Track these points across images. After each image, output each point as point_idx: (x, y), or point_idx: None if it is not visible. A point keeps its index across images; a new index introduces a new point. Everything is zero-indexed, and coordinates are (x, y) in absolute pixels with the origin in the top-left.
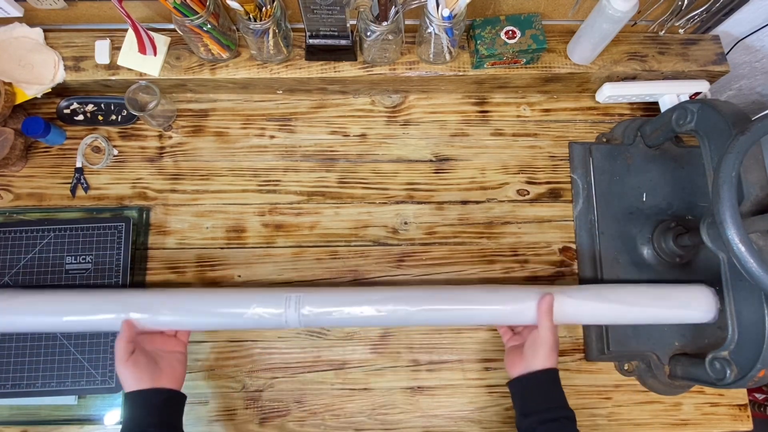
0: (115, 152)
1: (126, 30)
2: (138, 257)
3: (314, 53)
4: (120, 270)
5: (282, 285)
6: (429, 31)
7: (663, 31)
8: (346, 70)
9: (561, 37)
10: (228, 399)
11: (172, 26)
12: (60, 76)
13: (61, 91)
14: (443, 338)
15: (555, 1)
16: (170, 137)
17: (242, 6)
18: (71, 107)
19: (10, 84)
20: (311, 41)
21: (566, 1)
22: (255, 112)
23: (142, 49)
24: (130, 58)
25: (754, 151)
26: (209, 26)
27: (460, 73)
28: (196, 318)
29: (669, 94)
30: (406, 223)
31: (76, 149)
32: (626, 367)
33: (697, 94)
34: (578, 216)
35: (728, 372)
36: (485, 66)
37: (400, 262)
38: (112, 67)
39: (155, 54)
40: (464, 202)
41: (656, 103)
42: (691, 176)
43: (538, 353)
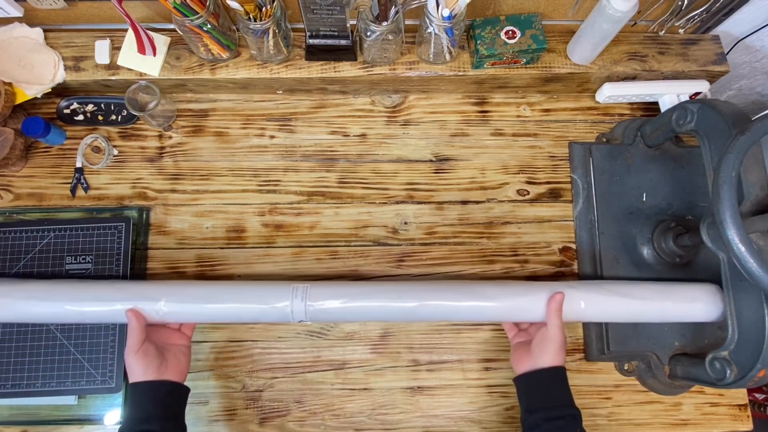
0: (115, 152)
1: (126, 30)
2: (138, 257)
3: (314, 53)
4: (120, 270)
5: None
6: (429, 31)
7: (663, 31)
8: (346, 70)
9: (561, 37)
10: (228, 399)
11: (172, 26)
12: (60, 76)
13: (61, 91)
14: (443, 338)
15: (555, 1)
16: (170, 137)
17: (242, 6)
18: (71, 107)
19: (10, 84)
20: (311, 41)
21: (566, 1)
22: (255, 112)
23: (141, 50)
24: (130, 58)
25: (754, 151)
26: (209, 26)
27: (460, 73)
28: (200, 309)
29: (669, 94)
30: (406, 223)
31: (76, 149)
32: (626, 367)
33: (697, 94)
34: (578, 216)
35: (728, 372)
36: (485, 66)
37: (400, 262)
38: (112, 67)
39: (154, 54)
40: (464, 202)
41: (656, 103)
42: (691, 176)
43: (546, 351)
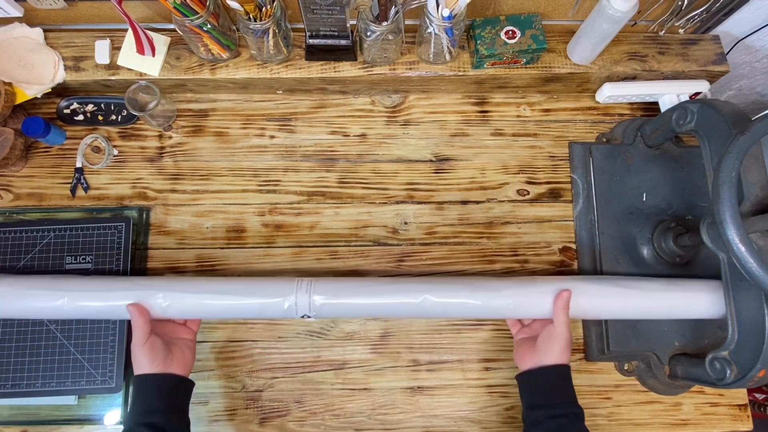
0: (115, 152)
1: (126, 30)
2: (138, 257)
3: (314, 53)
4: (120, 270)
5: None
6: (429, 31)
7: (663, 31)
8: (346, 70)
9: (561, 37)
10: (228, 399)
11: (172, 26)
12: (60, 76)
13: (61, 91)
14: (443, 338)
15: (555, 1)
16: (170, 137)
17: (242, 6)
18: (71, 107)
19: (10, 84)
20: (311, 41)
21: (566, 1)
22: (255, 112)
23: (140, 50)
24: (130, 58)
25: (754, 151)
26: (209, 26)
27: (460, 73)
28: (202, 304)
29: (669, 94)
30: (406, 223)
31: (76, 149)
32: (626, 367)
33: (697, 94)
34: (578, 216)
35: (728, 372)
36: (485, 66)
37: (400, 262)
38: (112, 67)
39: (153, 55)
40: (464, 202)
41: (656, 103)
42: (691, 176)
43: (552, 349)
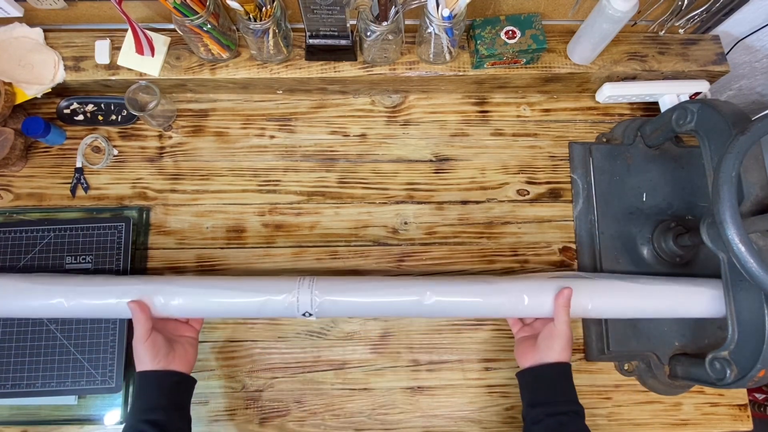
0: (115, 152)
1: (126, 30)
2: (138, 257)
3: (314, 53)
4: (120, 270)
5: None
6: (429, 31)
7: (663, 31)
8: (346, 70)
9: (561, 37)
10: (228, 399)
11: (172, 26)
12: (60, 76)
13: (61, 91)
14: (443, 338)
15: (555, 1)
16: (170, 137)
17: (242, 6)
18: (71, 107)
19: (10, 84)
20: (311, 41)
21: (566, 1)
22: (255, 112)
23: (139, 50)
24: (130, 58)
25: (754, 151)
26: (209, 26)
27: (460, 73)
28: (203, 301)
29: (669, 94)
30: (406, 223)
31: (76, 149)
32: (626, 367)
33: (697, 94)
34: (578, 216)
35: (728, 372)
36: (485, 66)
37: (400, 262)
38: (112, 67)
39: (153, 55)
40: (464, 202)
41: (656, 103)
42: (691, 176)
43: (553, 347)
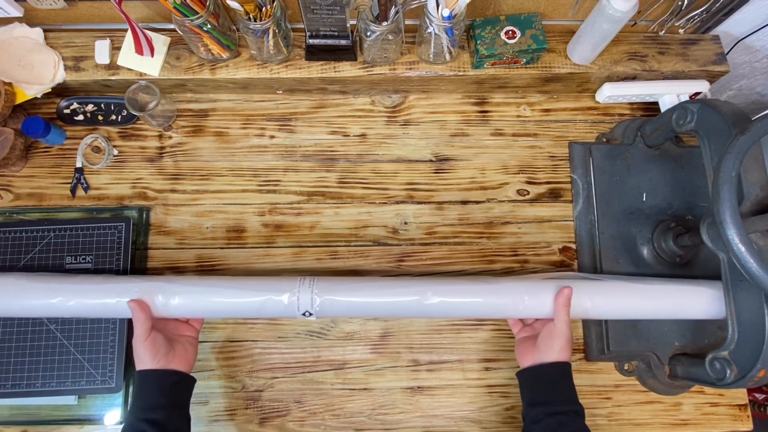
0: (115, 152)
1: (126, 30)
2: (138, 257)
3: (314, 53)
4: (120, 270)
5: None
6: (429, 31)
7: (663, 31)
8: (346, 70)
9: (561, 37)
10: (228, 399)
11: (172, 26)
12: (60, 76)
13: (61, 91)
14: (443, 338)
15: (555, 1)
16: (170, 137)
17: (242, 6)
18: (71, 107)
19: (10, 84)
20: (311, 41)
21: (566, 1)
22: (255, 112)
23: (139, 50)
24: (130, 58)
25: (754, 151)
26: (209, 26)
27: (460, 73)
28: (203, 300)
29: (669, 94)
30: (406, 223)
31: (76, 149)
32: (626, 367)
33: (697, 94)
34: (578, 216)
35: (728, 372)
36: (485, 66)
37: (400, 262)
38: (112, 67)
39: (152, 55)
40: (464, 202)
41: (656, 103)
42: (691, 176)
43: (553, 346)
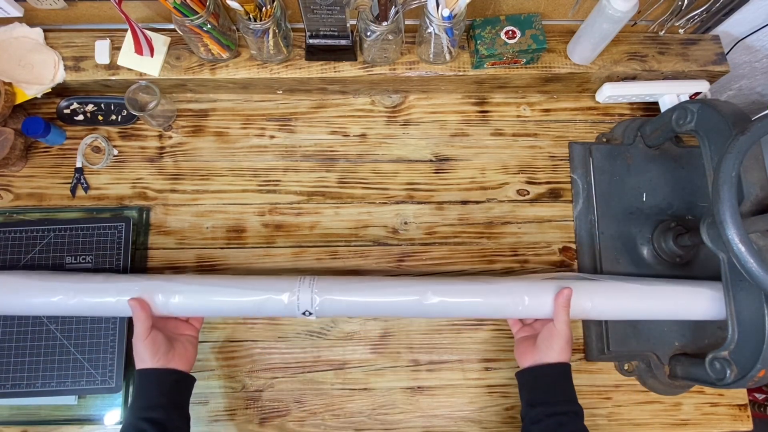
0: (115, 152)
1: (126, 30)
2: (138, 257)
3: (314, 53)
4: (120, 270)
5: None
6: (429, 31)
7: (663, 31)
8: (346, 70)
9: (561, 37)
10: (228, 399)
11: (172, 26)
12: (60, 76)
13: (61, 91)
14: (443, 338)
15: (555, 1)
16: (170, 137)
17: (242, 6)
18: (71, 107)
19: (10, 84)
20: (311, 41)
21: (566, 1)
22: (255, 112)
23: (138, 50)
24: (130, 58)
25: (754, 151)
26: (209, 26)
27: (460, 73)
28: (204, 298)
29: (669, 94)
30: (406, 223)
31: (76, 149)
32: (626, 367)
33: (697, 94)
34: (578, 216)
35: (728, 372)
36: (485, 66)
37: (400, 262)
38: (112, 67)
39: (152, 55)
40: (464, 202)
41: (656, 103)
42: (691, 176)
43: (552, 347)
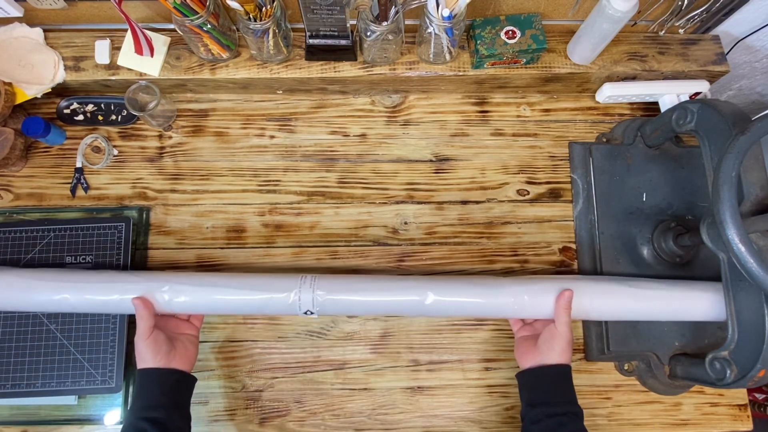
0: (115, 152)
1: (126, 30)
2: (138, 257)
3: (314, 53)
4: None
5: None
6: (429, 31)
7: (663, 31)
8: (346, 70)
9: (561, 37)
10: (228, 399)
11: (172, 26)
12: (60, 76)
13: (61, 91)
14: (443, 338)
15: (555, 1)
16: (170, 137)
17: (242, 6)
18: (71, 107)
19: (10, 84)
20: (311, 41)
21: (566, 1)
22: (255, 112)
23: (138, 50)
24: (130, 58)
25: (754, 151)
26: (209, 26)
27: (460, 73)
28: (205, 297)
29: (669, 94)
30: (406, 223)
31: (76, 149)
32: (626, 367)
33: (697, 94)
34: (578, 216)
35: (728, 372)
36: (485, 66)
37: (400, 262)
38: (112, 67)
39: (152, 55)
40: (464, 202)
41: (656, 103)
42: (691, 176)
43: (553, 348)
